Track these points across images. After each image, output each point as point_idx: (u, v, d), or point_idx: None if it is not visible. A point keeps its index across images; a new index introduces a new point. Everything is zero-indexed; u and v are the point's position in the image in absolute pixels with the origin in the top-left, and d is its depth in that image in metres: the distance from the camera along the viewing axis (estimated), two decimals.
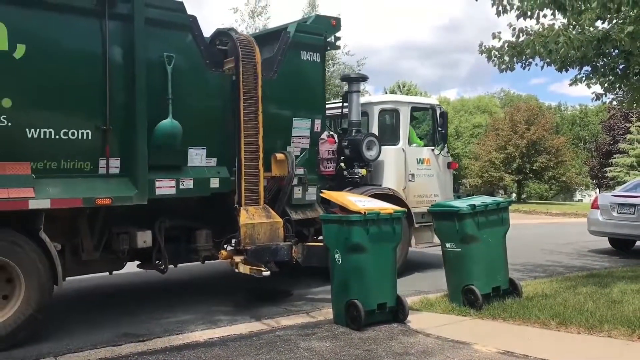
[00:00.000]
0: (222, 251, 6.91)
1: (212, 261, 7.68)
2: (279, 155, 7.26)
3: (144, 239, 6.39)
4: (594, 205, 12.23)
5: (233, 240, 6.99)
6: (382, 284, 5.94)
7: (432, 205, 7.26)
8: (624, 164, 35.82)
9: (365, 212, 5.79)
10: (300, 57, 7.55)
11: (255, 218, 6.72)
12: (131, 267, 7.36)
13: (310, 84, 7.71)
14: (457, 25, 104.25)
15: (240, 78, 6.74)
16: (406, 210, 6.58)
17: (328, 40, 7.93)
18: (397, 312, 6.04)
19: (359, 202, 6.12)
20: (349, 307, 5.79)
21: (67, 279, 6.10)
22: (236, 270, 6.65)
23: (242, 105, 6.75)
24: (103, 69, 5.85)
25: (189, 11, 6.57)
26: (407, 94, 39.80)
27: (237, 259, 6.62)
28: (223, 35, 7.19)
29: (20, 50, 5.38)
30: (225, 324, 6.15)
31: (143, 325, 6.12)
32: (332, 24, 7.97)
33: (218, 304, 7.06)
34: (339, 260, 5.90)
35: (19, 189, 5.29)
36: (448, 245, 6.57)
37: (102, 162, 5.93)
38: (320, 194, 6.43)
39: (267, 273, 6.31)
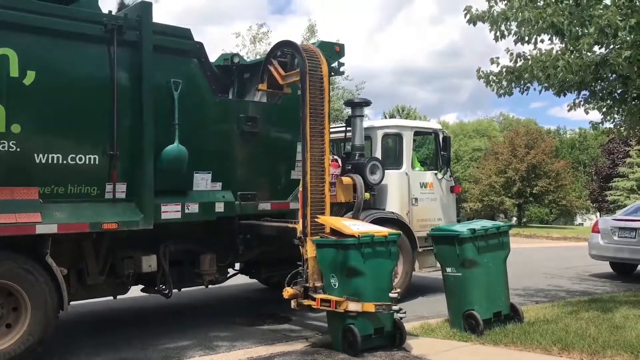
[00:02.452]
0: (288, 288, 6.18)
1: (214, 285, 7.72)
2: (346, 180, 7.14)
3: (149, 263, 6.43)
4: (595, 229, 12.23)
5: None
6: None
7: (432, 229, 7.30)
8: (624, 188, 35.85)
9: (359, 235, 5.76)
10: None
11: None
12: (133, 291, 7.37)
13: None
14: (456, 50, 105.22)
15: (306, 93, 6.29)
16: (400, 232, 6.46)
17: (332, 65, 8.05)
18: (394, 337, 5.98)
19: (353, 226, 6.06)
20: (345, 333, 5.75)
21: (71, 303, 6.12)
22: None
23: (309, 122, 6.25)
24: (111, 95, 5.96)
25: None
26: (406, 118, 40.04)
27: (306, 302, 6.07)
28: (285, 45, 6.82)
29: (30, 77, 5.49)
30: (224, 350, 6.14)
31: (142, 352, 6.11)
32: (336, 50, 8.10)
33: (217, 329, 7.05)
34: (334, 285, 5.85)
35: (27, 213, 5.36)
36: (448, 269, 6.59)
37: (109, 187, 6.00)
38: (316, 219, 6.19)
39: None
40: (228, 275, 7.80)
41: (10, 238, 5.31)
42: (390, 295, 5.81)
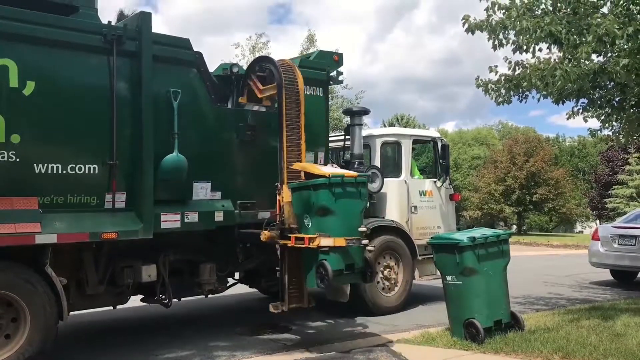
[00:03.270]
0: (265, 231, 6.32)
1: (214, 295, 7.70)
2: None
3: (149, 272, 6.42)
4: (595, 237, 12.23)
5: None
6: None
7: (431, 237, 7.30)
8: (624, 195, 35.87)
9: (329, 175, 5.97)
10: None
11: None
12: (133, 301, 7.35)
13: (313, 118, 7.81)
14: (456, 58, 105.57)
15: (283, 106, 6.65)
16: (368, 178, 6.63)
17: (331, 74, 8.08)
18: (365, 273, 6.21)
19: (325, 168, 6.32)
20: (318, 268, 5.86)
21: (70, 313, 6.11)
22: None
23: (285, 134, 6.58)
24: (110, 105, 5.97)
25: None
26: (405, 127, 40.09)
27: (282, 241, 6.29)
28: (263, 61, 7.13)
29: (29, 87, 5.51)
30: None
31: None
32: (334, 59, 8.13)
33: (217, 339, 7.04)
34: (308, 225, 6.04)
35: (26, 223, 5.35)
36: (448, 278, 6.59)
37: (109, 197, 6.00)
38: (291, 166, 6.41)
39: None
40: (228, 284, 7.78)
41: (10, 248, 5.30)
42: (360, 229, 6.08)
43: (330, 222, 5.96)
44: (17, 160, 5.42)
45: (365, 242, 6.11)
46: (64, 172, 5.72)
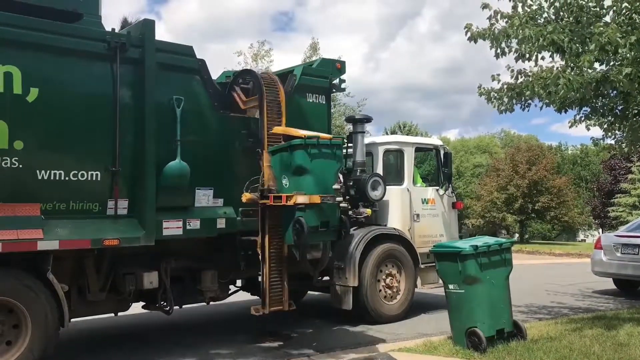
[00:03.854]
0: (246, 193, 6.56)
1: (216, 302, 7.69)
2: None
3: (150, 279, 6.42)
4: (597, 246, 12.18)
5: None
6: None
7: (434, 245, 7.28)
8: (626, 204, 35.76)
9: (305, 136, 6.28)
10: (306, 99, 7.71)
11: None
12: (134, 308, 7.34)
13: (316, 125, 7.83)
14: (458, 67, 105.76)
15: (264, 116, 6.80)
16: (343, 141, 6.91)
17: (333, 82, 8.11)
18: (340, 231, 6.57)
19: (301, 131, 6.55)
20: (294, 224, 6.12)
21: (71, 320, 6.10)
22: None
23: (267, 144, 6.72)
24: (113, 111, 6.00)
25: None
26: (407, 135, 40.09)
27: (262, 201, 6.53)
28: (246, 74, 7.31)
29: (33, 94, 5.54)
30: None
31: None
32: (337, 67, 8.16)
33: (218, 347, 7.02)
34: (286, 185, 6.32)
35: (28, 230, 5.36)
36: (451, 286, 6.56)
37: (111, 203, 6.01)
38: (272, 130, 6.69)
39: None
40: (229, 292, 7.77)
41: (12, 254, 5.30)
42: (334, 187, 6.34)
43: (306, 181, 6.24)
44: (20, 166, 5.45)
45: (339, 199, 6.40)
46: (67, 178, 5.74)
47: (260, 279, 6.83)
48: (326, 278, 8.44)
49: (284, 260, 6.82)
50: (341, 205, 6.50)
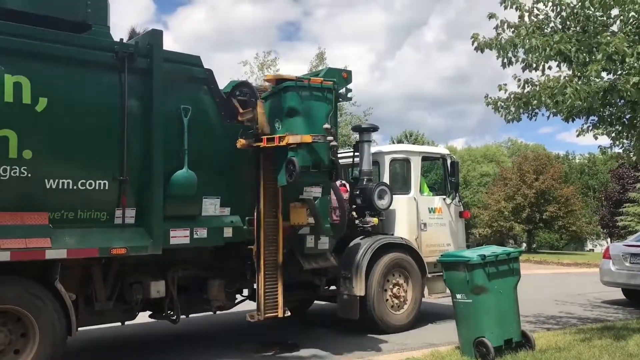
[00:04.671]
0: (241, 139, 6.71)
1: (222, 311, 7.68)
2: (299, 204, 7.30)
3: (158, 288, 6.43)
4: (606, 255, 12.11)
5: None
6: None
7: (441, 255, 7.26)
8: (635, 213, 35.54)
9: (296, 78, 6.59)
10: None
11: None
12: (141, 317, 7.35)
13: None
14: (465, 76, 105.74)
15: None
16: (333, 84, 6.95)
17: (340, 92, 8.11)
18: (331, 172, 6.72)
19: (293, 74, 6.75)
20: (287, 164, 6.30)
21: (79, 329, 6.10)
22: None
23: (263, 154, 6.83)
24: (121, 121, 6.02)
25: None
26: (414, 144, 40.08)
27: (255, 143, 6.74)
28: (243, 86, 7.36)
29: (42, 104, 5.56)
30: None
31: None
32: (343, 77, 8.17)
33: (224, 356, 7.02)
34: (278, 128, 6.58)
35: (37, 239, 5.38)
36: (458, 296, 6.54)
37: (118, 212, 6.02)
38: (265, 78, 6.90)
39: None
40: (236, 301, 7.76)
41: (20, 263, 5.33)
42: (324, 126, 6.48)
43: (297, 123, 6.47)
44: (29, 175, 5.46)
45: (330, 139, 6.51)
46: (75, 187, 5.75)
47: (255, 286, 6.93)
48: (333, 287, 8.43)
49: (279, 268, 6.93)
50: (332, 144, 6.62)
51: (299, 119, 6.50)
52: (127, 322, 7.05)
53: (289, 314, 7.11)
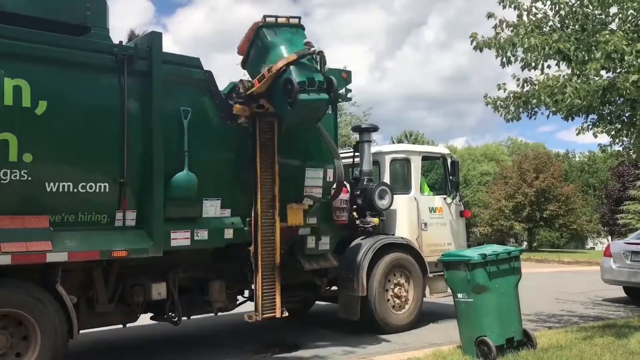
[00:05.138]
0: (236, 105, 6.85)
1: (224, 313, 7.69)
2: (297, 205, 7.31)
3: (159, 290, 6.44)
4: (607, 253, 12.09)
5: None
6: None
7: (442, 254, 7.26)
8: (635, 211, 35.52)
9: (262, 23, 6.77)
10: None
11: None
12: (142, 319, 7.35)
13: (322, 135, 7.83)
14: (464, 75, 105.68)
15: (257, 129, 6.91)
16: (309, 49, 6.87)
17: (339, 92, 8.11)
18: (324, 84, 6.64)
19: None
20: (285, 84, 6.32)
21: (80, 331, 6.10)
22: None
23: (259, 156, 6.89)
24: (121, 123, 6.02)
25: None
26: (414, 143, 40.06)
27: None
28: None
29: (42, 107, 5.56)
30: None
31: None
32: (343, 77, 8.18)
33: (226, 357, 7.03)
34: (264, 70, 6.58)
35: (37, 242, 5.38)
36: (459, 295, 6.54)
37: (119, 215, 6.03)
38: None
39: None
40: (237, 302, 7.77)
41: (21, 266, 5.33)
42: (304, 42, 6.69)
43: (279, 52, 6.59)
44: (29, 179, 5.46)
45: (314, 49, 6.66)
46: (75, 190, 5.75)
47: (253, 286, 6.96)
48: (334, 288, 8.43)
49: (276, 268, 6.97)
50: (318, 52, 6.71)
51: (279, 48, 6.60)
52: (128, 324, 7.05)
53: (287, 314, 7.15)
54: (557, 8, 7.63)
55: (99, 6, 6.25)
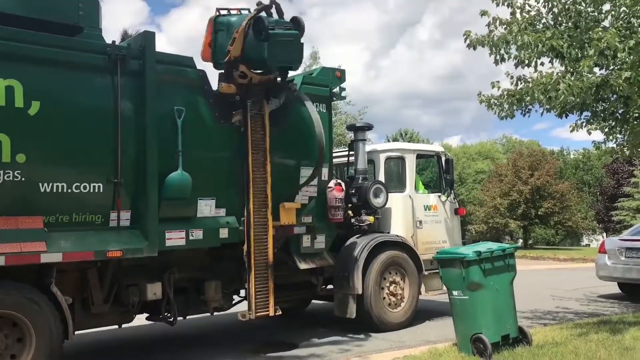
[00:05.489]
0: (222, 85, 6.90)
1: (220, 312, 7.68)
2: (288, 205, 7.31)
3: (154, 291, 6.42)
4: (602, 250, 12.13)
5: None
6: None
7: (437, 252, 7.28)
8: (630, 208, 35.64)
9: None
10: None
11: None
12: (138, 320, 7.33)
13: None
14: (459, 73, 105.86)
15: (248, 129, 6.90)
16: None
17: (333, 91, 8.13)
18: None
19: None
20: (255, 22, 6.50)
21: (75, 332, 6.08)
22: None
23: (251, 156, 6.89)
24: (115, 123, 6.01)
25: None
26: (409, 142, 40.12)
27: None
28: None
29: (35, 107, 5.55)
30: None
31: None
32: (337, 76, 8.19)
33: (223, 357, 7.02)
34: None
35: (32, 243, 5.37)
36: (455, 292, 6.54)
37: (113, 215, 6.01)
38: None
39: None
40: (233, 302, 7.77)
41: (15, 267, 5.31)
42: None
43: (239, 22, 6.70)
44: (23, 179, 5.45)
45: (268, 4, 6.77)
46: (69, 190, 5.74)
47: (246, 285, 6.96)
48: (330, 286, 8.44)
49: (269, 267, 6.96)
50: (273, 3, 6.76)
51: (240, 20, 6.76)
52: (124, 325, 7.04)
53: (280, 312, 7.15)
54: (550, 5, 7.65)
55: (91, 6, 6.24)
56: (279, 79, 7.15)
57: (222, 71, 6.92)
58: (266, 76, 7.02)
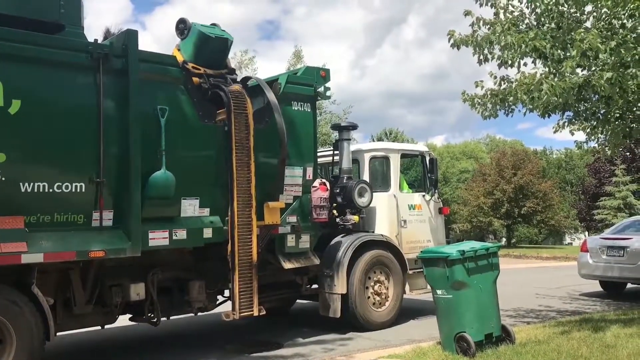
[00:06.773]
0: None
1: (204, 313, 7.64)
2: (272, 204, 7.30)
3: (137, 291, 6.38)
4: (584, 249, 12.25)
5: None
6: None
7: (421, 251, 7.31)
8: (611, 207, 36.04)
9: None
10: (291, 107, 7.71)
11: None
12: (121, 321, 7.27)
13: (301, 133, 7.84)
14: (444, 73, 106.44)
15: (232, 128, 6.87)
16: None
17: (318, 90, 8.12)
18: None
19: None
20: None
21: (57, 333, 6.03)
22: None
23: (235, 155, 6.86)
24: (97, 122, 5.94)
25: None
26: (394, 141, 40.23)
27: None
28: (215, 87, 7.30)
29: (15, 106, 5.47)
30: None
31: None
32: (321, 75, 8.18)
33: (207, 357, 6.99)
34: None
35: (12, 243, 5.29)
36: (439, 292, 6.57)
37: (96, 215, 5.95)
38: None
39: None
40: (217, 302, 7.73)
41: None
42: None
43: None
44: (3, 179, 5.37)
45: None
46: (51, 190, 5.67)
47: (230, 285, 6.93)
48: (315, 286, 8.43)
49: (253, 267, 6.94)
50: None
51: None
52: (107, 326, 6.98)
53: (264, 312, 7.14)
54: (533, 6, 7.70)
55: (73, 4, 6.15)
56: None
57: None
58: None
